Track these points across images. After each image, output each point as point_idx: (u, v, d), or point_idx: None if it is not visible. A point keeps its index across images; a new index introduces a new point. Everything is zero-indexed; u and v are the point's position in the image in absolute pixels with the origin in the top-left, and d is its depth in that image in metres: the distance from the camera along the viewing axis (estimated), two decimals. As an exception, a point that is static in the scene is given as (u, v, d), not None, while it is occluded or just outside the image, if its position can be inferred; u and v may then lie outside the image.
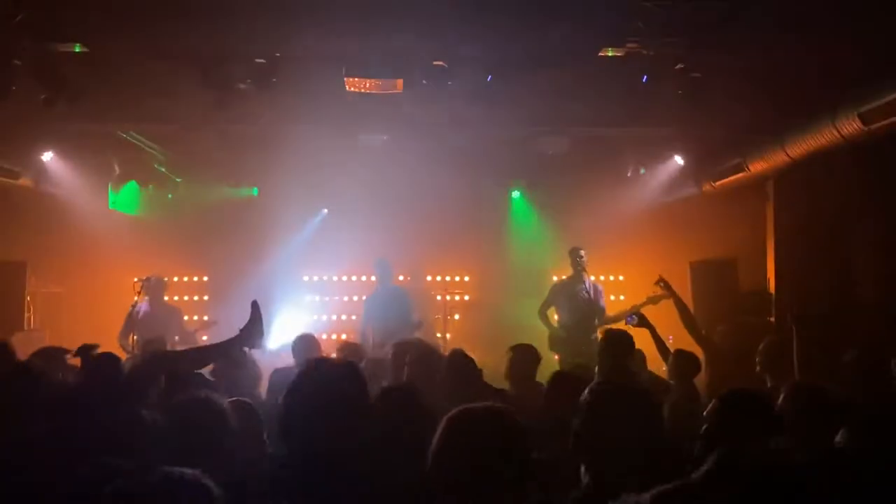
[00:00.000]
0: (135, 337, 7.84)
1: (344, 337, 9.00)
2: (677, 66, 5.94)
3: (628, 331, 5.30)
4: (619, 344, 4.92)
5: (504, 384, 4.97)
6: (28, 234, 8.52)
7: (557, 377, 4.10)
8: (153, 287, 8.26)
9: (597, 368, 4.89)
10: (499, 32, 5.66)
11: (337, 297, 10.23)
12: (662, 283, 6.72)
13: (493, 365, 5.45)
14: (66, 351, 5.53)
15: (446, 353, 5.03)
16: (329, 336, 9.30)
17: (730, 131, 7.81)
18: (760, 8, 5.05)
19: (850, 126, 5.81)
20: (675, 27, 5.38)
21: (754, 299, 7.60)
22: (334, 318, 10.23)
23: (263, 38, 5.80)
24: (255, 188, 9.99)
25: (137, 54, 5.99)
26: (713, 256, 8.31)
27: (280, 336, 7.86)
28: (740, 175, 7.77)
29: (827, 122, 6.05)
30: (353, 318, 9.79)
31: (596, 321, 8.14)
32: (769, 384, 4.92)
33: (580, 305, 8.19)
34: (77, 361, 5.32)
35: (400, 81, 6.25)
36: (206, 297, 10.04)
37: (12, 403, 3.27)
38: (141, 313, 8.24)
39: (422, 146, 8.70)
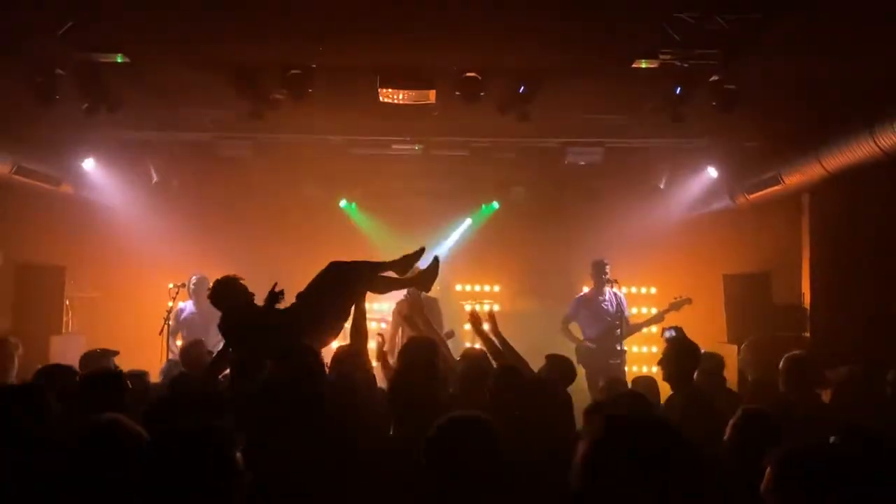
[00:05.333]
0: (177, 339, 8.08)
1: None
2: (712, 78, 5.92)
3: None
4: (686, 352, 4.69)
5: None
6: (67, 239, 8.69)
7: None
8: (197, 287, 8.40)
9: (662, 376, 4.72)
10: (532, 43, 5.68)
11: (367, 305, 10.24)
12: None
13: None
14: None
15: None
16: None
17: (765, 143, 7.74)
18: (796, 19, 5.01)
19: (889, 139, 5.71)
20: (709, 39, 5.35)
21: (788, 314, 7.49)
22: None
23: (300, 49, 5.89)
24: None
25: (177, 65, 6.12)
26: (747, 270, 8.21)
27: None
28: (775, 188, 7.66)
29: (865, 134, 5.95)
30: (383, 325, 9.81)
31: (619, 332, 8.07)
32: (792, 400, 4.86)
33: (604, 318, 8.14)
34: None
35: (433, 92, 6.30)
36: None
37: None
38: (186, 313, 8.43)
39: (453, 155, 8.74)
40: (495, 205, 10.04)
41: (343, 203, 10.02)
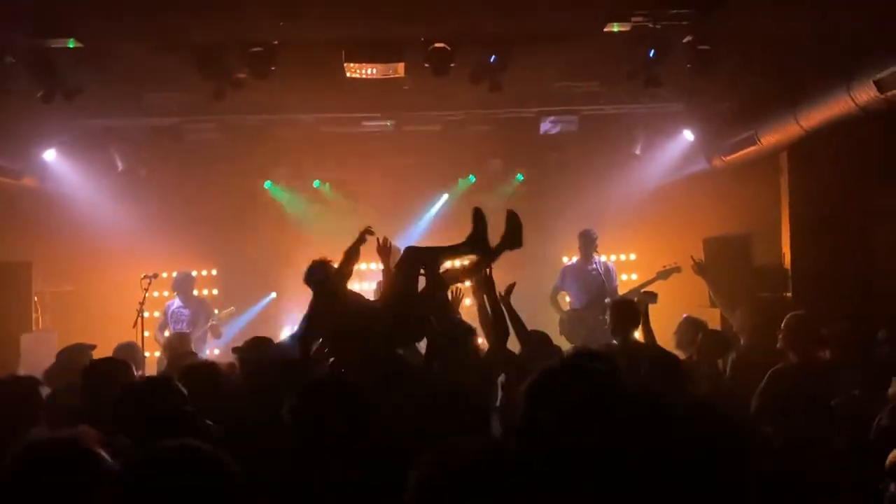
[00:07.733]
0: (165, 332, 8.13)
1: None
2: (685, 39, 5.80)
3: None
4: (624, 311, 5.28)
5: None
6: (34, 233, 8.44)
7: None
8: (181, 282, 8.55)
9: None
10: (501, 9, 5.52)
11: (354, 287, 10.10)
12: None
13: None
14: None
15: None
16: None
17: (740, 104, 7.65)
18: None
19: (866, 94, 5.62)
20: (682, -1, 5.24)
21: (770, 275, 7.46)
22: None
23: (260, 26, 5.68)
24: (268, 182, 9.76)
25: (133, 47, 5.90)
26: (727, 232, 8.16)
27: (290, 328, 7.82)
28: (752, 148, 7.58)
29: (842, 90, 5.86)
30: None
31: (607, 301, 7.96)
32: (793, 360, 4.84)
33: (591, 287, 8.04)
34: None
35: (401, 65, 6.13)
36: (215, 291, 9.96)
37: None
38: (173, 308, 8.43)
39: (424, 130, 8.58)
40: (472, 178, 9.89)
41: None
